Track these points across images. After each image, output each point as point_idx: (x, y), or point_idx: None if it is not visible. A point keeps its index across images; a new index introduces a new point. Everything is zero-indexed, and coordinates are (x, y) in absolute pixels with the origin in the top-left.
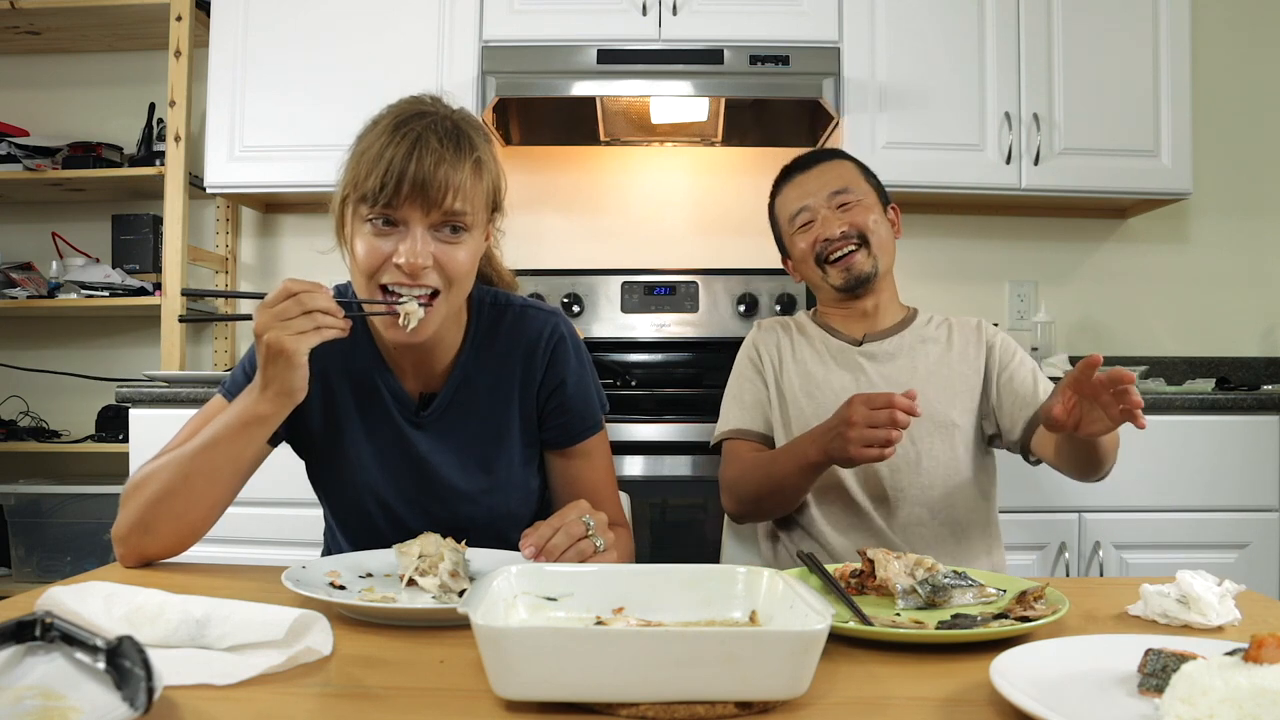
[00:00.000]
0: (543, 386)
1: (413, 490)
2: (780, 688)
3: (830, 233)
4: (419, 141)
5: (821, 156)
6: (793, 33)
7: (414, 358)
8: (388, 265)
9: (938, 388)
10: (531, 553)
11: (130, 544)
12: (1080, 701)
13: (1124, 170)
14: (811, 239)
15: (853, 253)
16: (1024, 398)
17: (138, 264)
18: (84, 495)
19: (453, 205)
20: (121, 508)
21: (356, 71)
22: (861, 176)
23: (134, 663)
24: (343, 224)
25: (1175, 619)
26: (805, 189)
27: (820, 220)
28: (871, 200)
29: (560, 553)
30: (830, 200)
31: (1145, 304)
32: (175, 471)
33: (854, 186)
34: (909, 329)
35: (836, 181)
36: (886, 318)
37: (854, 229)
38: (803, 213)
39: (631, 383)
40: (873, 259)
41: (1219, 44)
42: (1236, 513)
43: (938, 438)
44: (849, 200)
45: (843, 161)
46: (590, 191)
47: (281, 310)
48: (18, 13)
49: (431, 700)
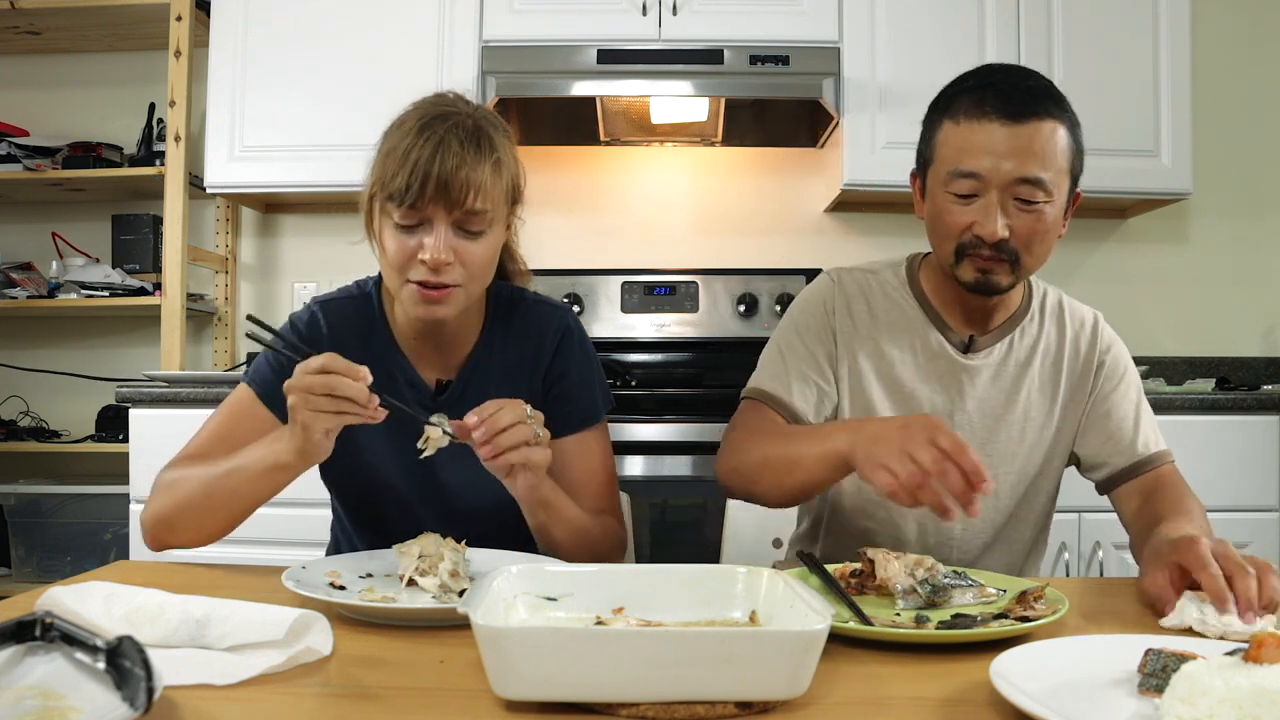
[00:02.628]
0: (547, 376)
1: (423, 477)
2: (780, 688)
3: (990, 232)
4: (442, 144)
5: (1036, 105)
6: (793, 33)
7: (433, 345)
8: (414, 262)
9: (1025, 434)
10: (475, 421)
11: (154, 534)
12: (1080, 701)
13: (1124, 170)
14: (965, 223)
15: (996, 261)
16: (1116, 441)
17: (138, 264)
18: (84, 495)
19: (474, 204)
20: (149, 499)
21: (357, 71)
22: (1068, 155)
23: (134, 663)
24: (371, 219)
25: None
26: (994, 148)
27: (985, 205)
28: (1061, 196)
29: (504, 426)
30: (1013, 186)
31: (1145, 304)
32: (200, 488)
33: (1052, 177)
34: (1019, 328)
35: (1035, 163)
36: (1003, 310)
37: (1014, 244)
38: (971, 179)
39: (631, 383)
40: (1015, 274)
41: (1219, 44)
42: (1236, 513)
43: (1022, 486)
44: (1035, 198)
45: (1057, 126)
46: (590, 191)
47: (311, 385)
48: (18, 13)
49: (431, 700)
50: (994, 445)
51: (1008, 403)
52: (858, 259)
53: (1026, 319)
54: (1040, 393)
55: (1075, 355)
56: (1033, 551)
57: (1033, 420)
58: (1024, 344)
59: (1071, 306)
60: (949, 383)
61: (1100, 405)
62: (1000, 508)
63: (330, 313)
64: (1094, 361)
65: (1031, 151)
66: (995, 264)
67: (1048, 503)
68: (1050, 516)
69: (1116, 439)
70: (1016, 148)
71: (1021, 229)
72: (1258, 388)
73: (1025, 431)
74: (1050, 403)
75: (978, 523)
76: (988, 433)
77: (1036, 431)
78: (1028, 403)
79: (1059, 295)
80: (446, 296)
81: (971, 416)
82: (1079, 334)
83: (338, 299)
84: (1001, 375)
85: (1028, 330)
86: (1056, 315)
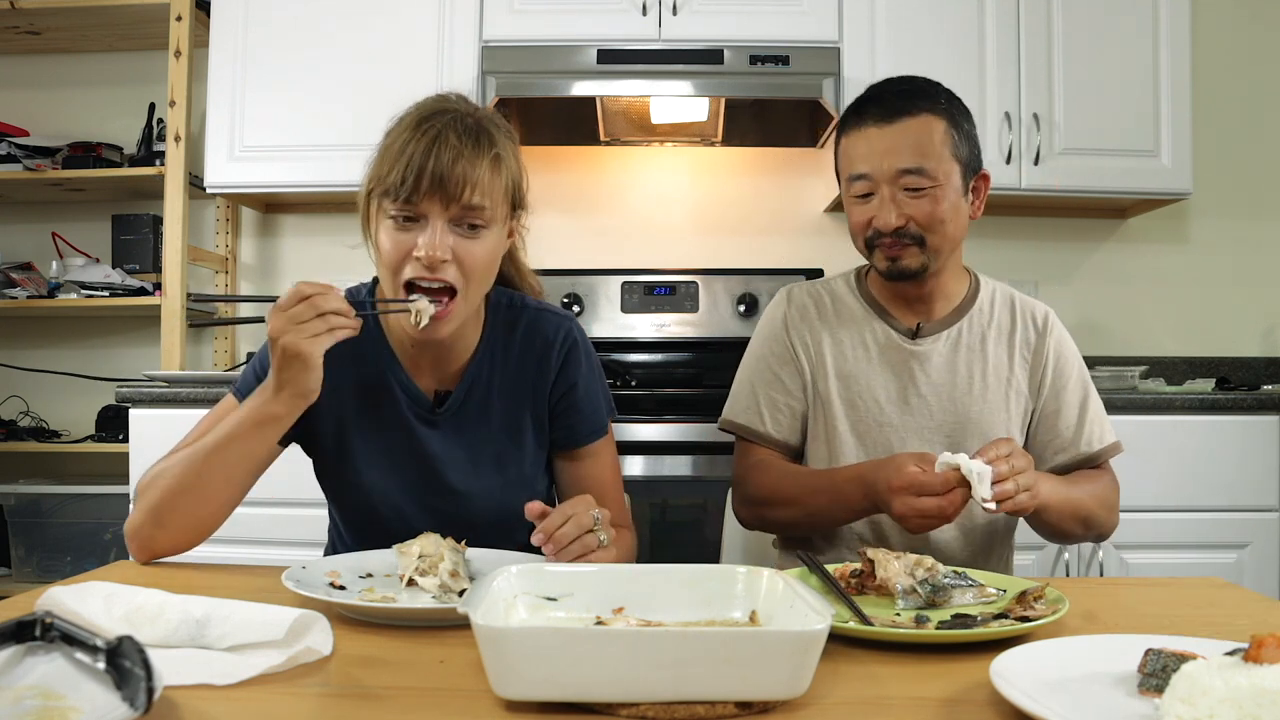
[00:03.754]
0: (554, 388)
1: (421, 488)
2: (780, 688)
3: (885, 223)
4: (439, 137)
5: (906, 105)
6: (793, 33)
7: (432, 355)
8: (409, 259)
9: (992, 407)
10: (541, 539)
11: (142, 539)
12: (1080, 701)
13: (1124, 170)
14: (865, 220)
15: (904, 246)
16: (1061, 438)
17: (138, 264)
18: (84, 495)
19: (470, 199)
20: (134, 504)
21: (357, 71)
22: (949, 143)
23: (134, 663)
24: (368, 219)
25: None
26: (873, 149)
27: (879, 200)
28: (951, 180)
29: (568, 542)
30: (896, 179)
31: (1145, 304)
32: (188, 468)
33: (932, 164)
34: (967, 317)
35: (912, 155)
36: (943, 301)
37: (913, 227)
38: (862, 180)
39: (631, 383)
40: (926, 255)
41: (1219, 44)
42: (1236, 513)
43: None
44: (921, 185)
45: (930, 120)
46: (590, 191)
47: (295, 313)
48: (18, 13)
49: (431, 700)
50: (954, 425)
51: (966, 384)
52: (858, 259)
53: (974, 308)
54: (995, 375)
55: (1025, 343)
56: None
57: (990, 403)
58: (974, 331)
59: (1023, 301)
60: (900, 369)
61: (1050, 404)
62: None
63: None
64: (1043, 354)
65: (906, 145)
66: (900, 250)
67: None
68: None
69: (1062, 436)
70: (893, 145)
71: (918, 214)
72: (1258, 388)
73: (984, 413)
74: (1006, 385)
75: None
76: (945, 414)
77: (996, 410)
78: (984, 384)
79: (1011, 292)
80: (443, 316)
81: (927, 399)
82: (1030, 326)
83: None
84: (954, 361)
85: (976, 319)
86: (1008, 306)
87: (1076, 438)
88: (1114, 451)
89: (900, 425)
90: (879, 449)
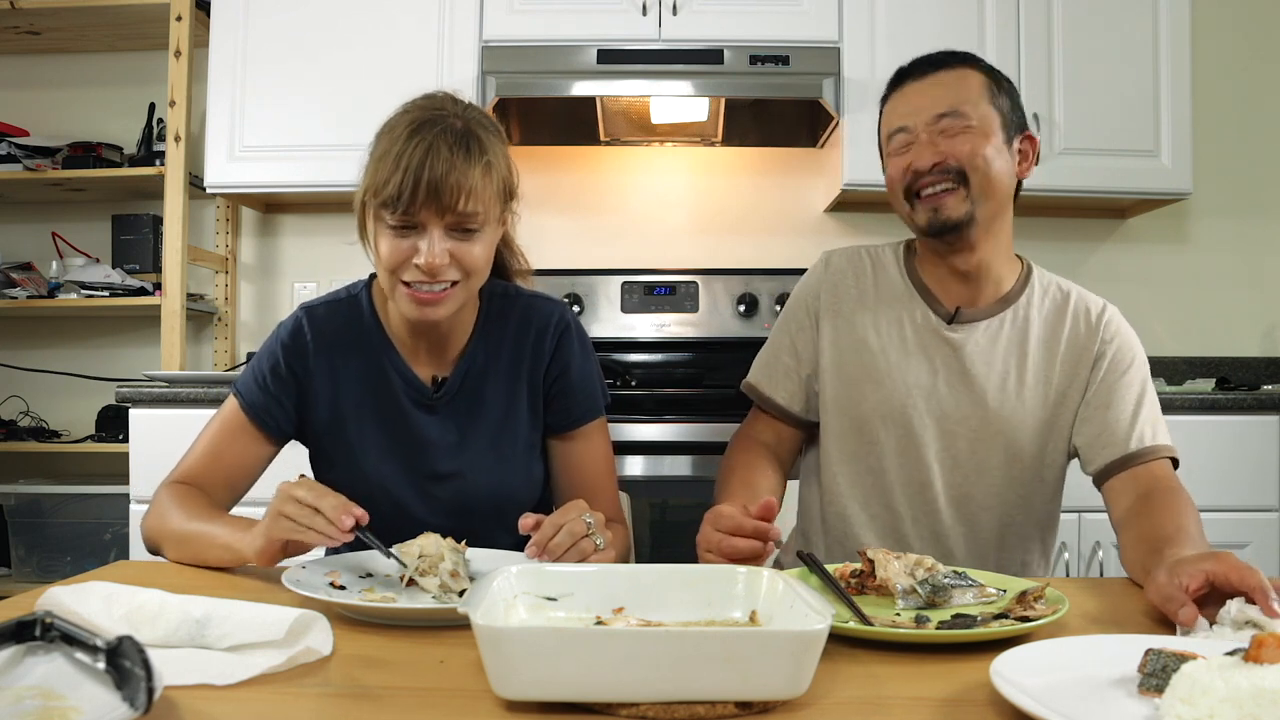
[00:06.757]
0: (549, 371)
1: (418, 472)
2: (780, 688)
3: (921, 163)
4: (431, 150)
5: (943, 61)
6: (793, 33)
7: (428, 342)
8: (408, 264)
9: (1028, 407)
10: (535, 552)
11: (148, 546)
12: (1080, 701)
13: (1124, 170)
14: (903, 166)
15: (945, 192)
16: (1112, 432)
17: (138, 264)
18: (84, 495)
19: (465, 207)
20: (149, 509)
21: (356, 71)
22: (986, 94)
23: (134, 663)
24: (364, 223)
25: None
26: (911, 103)
27: (917, 146)
28: (990, 125)
29: (563, 551)
30: (934, 123)
31: (1145, 304)
32: (176, 533)
33: (968, 108)
34: (1012, 309)
35: (948, 99)
36: (990, 285)
37: (951, 162)
38: (900, 134)
39: (631, 383)
40: (969, 202)
41: (1219, 44)
42: (1236, 513)
43: (1016, 469)
44: (956, 126)
45: (967, 71)
46: (590, 191)
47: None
48: (18, 13)
49: (431, 700)
50: (980, 420)
51: (1000, 381)
52: None
53: (1021, 299)
54: (1034, 375)
55: (1074, 343)
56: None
57: (1025, 401)
58: (1017, 324)
59: (1080, 296)
60: (932, 354)
61: (1101, 396)
62: (993, 489)
63: (315, 319)
64: (1094, 351)
65: (943, 92)
66: (943, 196)
67: (1050, 494)
68: (1055, 517)
69: (1113, 430)
70: (930, 96)
71: (957, 150)
72: (1258, 388)
73: (1017, 410)
74: (1044, 386)
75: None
76: (973, 406)
77: (1029, 413)
78: (1019, 383)
79: (1069, 287)
80: (442, 299)
81: (956, 388)
82: (1081, 322)
83: (325, 304)
84: (991, 354)
85: (1021, 312)
86: (1059, 302)
87: (1128, 435)
88: (1166, 453)
89: (925, 411)
90: (899, 430)
